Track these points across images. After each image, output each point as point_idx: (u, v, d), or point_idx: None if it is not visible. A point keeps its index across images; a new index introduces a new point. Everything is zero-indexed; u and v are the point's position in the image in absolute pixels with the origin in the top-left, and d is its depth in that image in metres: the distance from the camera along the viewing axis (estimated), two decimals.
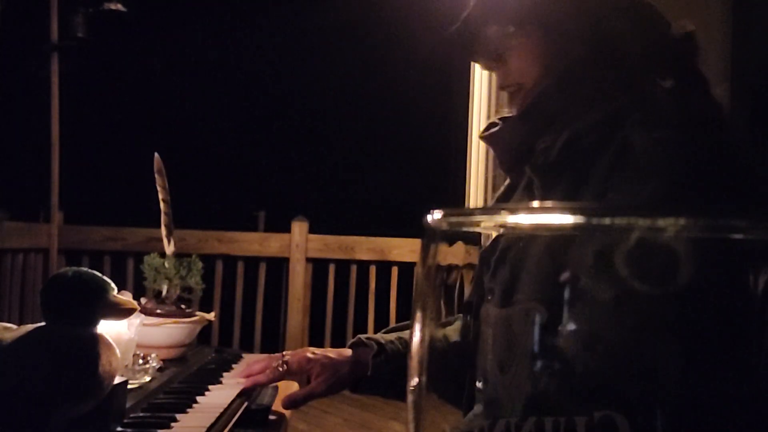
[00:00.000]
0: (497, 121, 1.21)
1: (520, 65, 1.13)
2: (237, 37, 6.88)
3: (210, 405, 1.20)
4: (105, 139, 6.54)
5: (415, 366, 0.34)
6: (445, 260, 0.35)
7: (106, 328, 0.98)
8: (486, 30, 1.16)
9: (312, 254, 4.50)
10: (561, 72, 1.10)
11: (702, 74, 1.09)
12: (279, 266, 4.55)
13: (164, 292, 1.59)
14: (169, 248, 1.64)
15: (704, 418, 0.31)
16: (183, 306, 1.60)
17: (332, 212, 5.90)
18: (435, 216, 0.34)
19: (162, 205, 1.65)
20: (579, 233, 0.30)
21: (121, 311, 0.99)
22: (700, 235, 0.28)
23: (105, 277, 0.99)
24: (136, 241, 4.24)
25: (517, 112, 1.15)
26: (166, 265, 1.60)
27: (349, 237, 4.56)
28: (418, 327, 0.34)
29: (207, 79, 7.01)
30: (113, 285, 0.99)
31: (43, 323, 0.95)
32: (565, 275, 0.31)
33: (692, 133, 0.99)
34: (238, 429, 1.17)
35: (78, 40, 3.97)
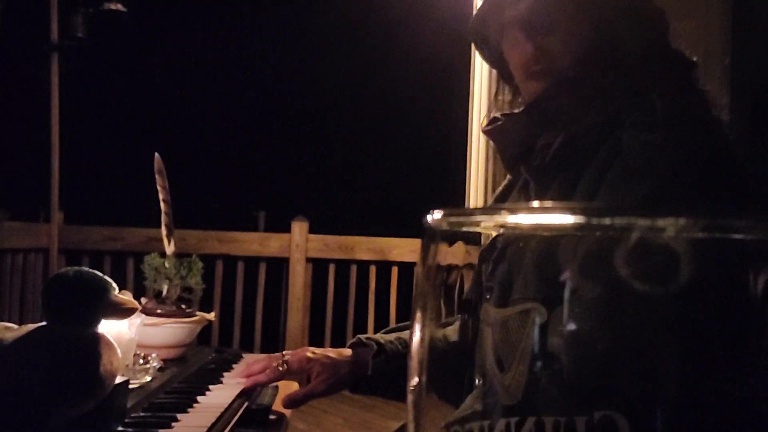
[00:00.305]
0: (499, 116, 1.21)
1: (558, 46, 1.11)
2: (237, 37, 6.88)
3: (211, 405, 1.20)
4: (105, 139, 6.54)
5: (415, 366, 0.34)
6: (445, 260, 0.35)
7: (107, 327, 0.98)
8: (535, 4, 1.12)
9: (312, 254, 4.50)
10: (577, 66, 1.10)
11: (698, 86, 1.09)
12: (279, 266, 4.55)
13: (164, 292, 1.59)
14: (170, 248, 1.64)
15: (704, 418, 0.31)
16: (183, 306, 1.60)
17: (332, 212, 5.90)
18: (435, 216, 0.34)
19: (162, 205, 1.65)
20: (579, 233, 0.30)
21: (122, 311, 0.99)
22: (700, 235, 0.28)
23: (106, 277, 0.99)
24: (136, 241, 4.23)
25: (534, 98, 1.14)
26: (167, 265, 1.60)
27: (349, 237, 4.56)
28: (418, 327, 0.34)
29: (207, 79, 7.01)
30: (114, 285, 0.99)
31: (45, 323, 0.95)
32: (565, 275, 0.31)
33: (684, 136, 0.99)
34: (239, 429, 1.17)
35: (78, 40, 3.96)
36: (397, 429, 1.51)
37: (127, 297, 1.01)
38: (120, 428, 1.01)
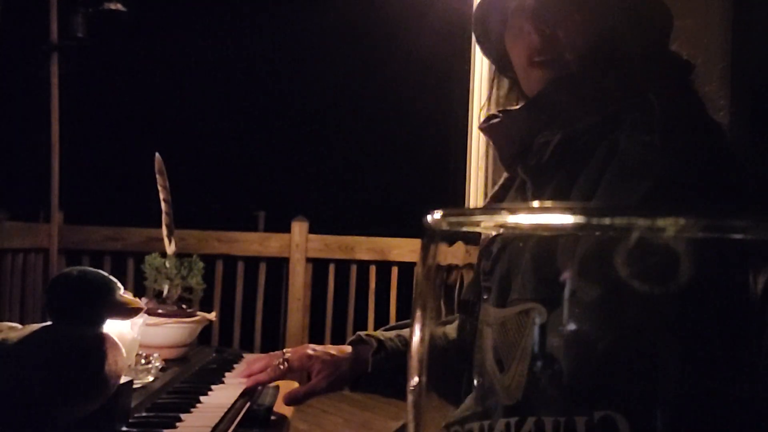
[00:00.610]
0: (497, 113, 1.20)
1: (563, 39, 1.10)
2: (237, 37, 6.88)
3: (214, 405, 1.20)
4: (105, 139, 6.54)
5: (415, 366, 0.34)
6: (445, 260, 0.35)
7: (109, 327, 0.97)
8: None
9: (312, 254, 4.50)
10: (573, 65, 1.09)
11: (694, 88, 1.09)
12: (279, 266, 4.55)
13: (165, 292, 1.59)
14: (170, 248, 1.64)
15: (704, 418, 0.31)
16: (184, 306, 1.60)
17: (332, 212, 5.90)
18: (435, 216, 0.34)
19: (163, 205, 1.65)
20: (578, 233, 0.30)
21: (127, 311, 0.98)
22: (700, 235, 0.28)
23: (111, 277, 0.98)
24: (137, 241, 4.23)
25: (534, 96, 1.13)
26: (167, 265, 1.60)
27: (349, 237, 4.56)
28: (418, 327, 0.34)
29: (207, 79, 7.01)
30: (119, 284, 0.99)
31: (49, 323, 0.94)
32: (564, 275, 0.31)
33: (681, 137, 0.99)
34: (242, 429, 1.17)
35: (78, 40, 3.96)
36: (397, 429, 1.51)
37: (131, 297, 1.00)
38: (124, 428, 1.00)
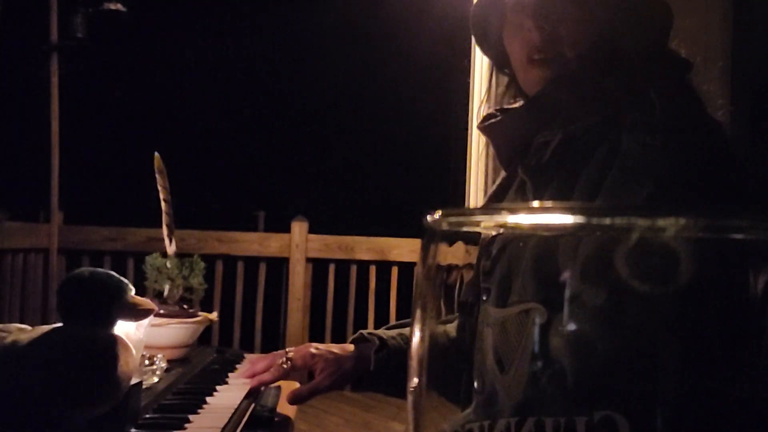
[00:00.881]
0: (495, 112, 1.19)
1: (564, 37, 1.09)
2: (237, 37, 6.88)
3: (220, 406, 1.20)
4: (105, 139, 6.54)
5: (415, 366, 0.34)
6: (445, 260, 0.35)
7: (115, 329, 0.97)
8: None
9: (312, 254, 4.49)
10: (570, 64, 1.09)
11: (693, 87, 1.09)
12: (279, 266, 4.55)
13: (166, 292, 1.59)
14: (171, 248, 1.64)
15: (704, 418, 0.31)
16: (185, 306, 1.60)
17: (332, 212, 5.90)
18: (435, 216, 0.34)
19: (163, 204, 1.65)
20: (579, 233, 0.30)
21: (138, 312, 0.98)
22: (700, 235, 0.28)
23: (122, 278, 0.97)
24: (137, 241, 4.23)
25: (534, 95, 1.12)
26: (168, 265, 1.60)
27: (349, 237, 4.56)
28: (418, 327, 0.34)
29: (207, 79, 7.01)
30: (131, 286, 0.98)
31: (60, 324, 0.94)
32: (565, 275, 0.31)
33: (683, 138, 0.99)
34: (248, 430, 1.17)
35: (78, 40, 3.96)
36: None
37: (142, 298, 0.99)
38: (133, 430, 1.00)
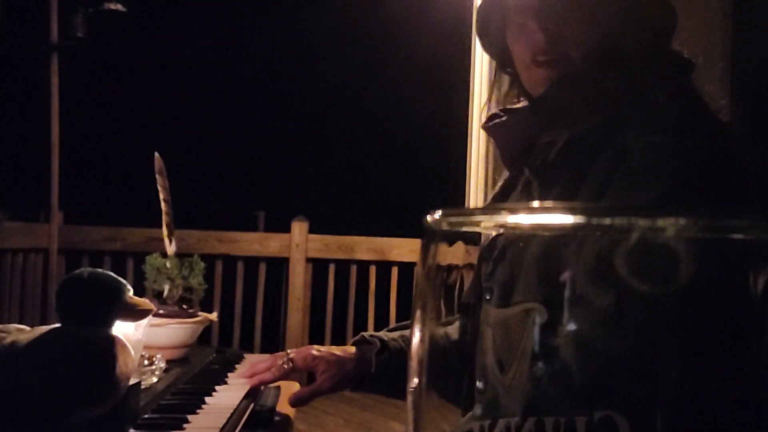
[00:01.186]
0: (500, 112, 1.19)
1: (569, 38, 1.09)
2: (237, 37, 6.88)
3: (219, 406, 1.20)
4: (105, 139, 6.54)
5: (414, 366, 0.34)
6: (445, 260, 0.35)
7: (114, 329, 0.97)
8: None
9: (312, 254, 4.49)
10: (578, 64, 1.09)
11: (697, 90, 1.09)
12: (279, 266, 4.55)
13: (166, 293, 1.59)
14: (171, 248, 1.64)
15: (704, 418, 0.31)
16: (185, 306, 1.60)
17: (332, 212, 5.90)
18: (435, 216, 0.34)
19: (163, 204, 1.65)
20: (579, 233, 0.30)
21: (137, 312, 0.98)
22: (700, 235, 0.28)
23: (120, 278, 0.98)
24: (136, 241, 4.23)
25: (540, 95, 1.12)
26: (168, 265, 1.60)
27: (349, 237, 4.56)
28: (418, 327, 0.34)
29: (207, 79, 7.01)
30: (129, 286, 0.98)
31: (58, 325, 0.94)
32: (565, 276, 0.31)
33: (690, 138, 0.99)
34: (247, 430, 1.17)
35: (78, 40, 3.97)
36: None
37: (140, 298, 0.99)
38: (132, 430, 1.00)
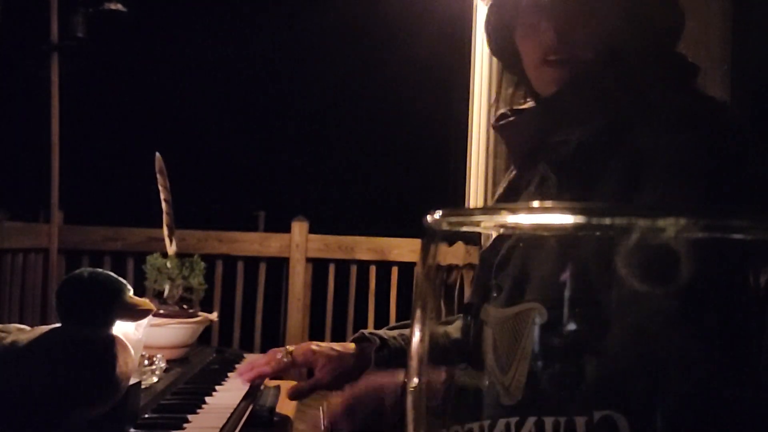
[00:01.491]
0: (508, 112, 1.19)
1: (580, 38, 1.09)
2: (237, 37, 6.88)
3: (219, 405, 1.20)
4: (105, 139, 6.53)
5: (414, 366, 0.34)
6: (445, 260, 0.35)
7: (114, 329, 0.97)
8: None
9: (312, 254, 4.49)
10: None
11: (701, 89, 1.09)
12: (279, 266, 4.55)
13: (166, 293, 1.59)
14: (171, 248, 1.64)
15: (704, 418, 0.31)
16: (185, 306, 1.60)
17: (332, 212, 5.90)
18: (435, 216, 0.34)
19: (163, 204, 1.65)
20: (579, 233, 0.30)
21: (137, 312, 0.98)
22: (700, 235, 0.28)
23: (120, 279, 0.98)
24: (136, 241, 4.23)
25: (552, 94, 1.12)
26: (168, 265, 1.60)
27: (349, 237, 4.56)
28: (418, 327, 0.34)
29: (207, 79, 7.00)
30: (129, 286, 0.98)
31: (59, 324, 0.94)
32: (567, 275, 0.31)
33: (705, 135, 0.99)
34: (247, 430, 1.17)
35: (78, 40, 3.96)
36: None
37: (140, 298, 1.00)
38: (132, 430, 1.00)
